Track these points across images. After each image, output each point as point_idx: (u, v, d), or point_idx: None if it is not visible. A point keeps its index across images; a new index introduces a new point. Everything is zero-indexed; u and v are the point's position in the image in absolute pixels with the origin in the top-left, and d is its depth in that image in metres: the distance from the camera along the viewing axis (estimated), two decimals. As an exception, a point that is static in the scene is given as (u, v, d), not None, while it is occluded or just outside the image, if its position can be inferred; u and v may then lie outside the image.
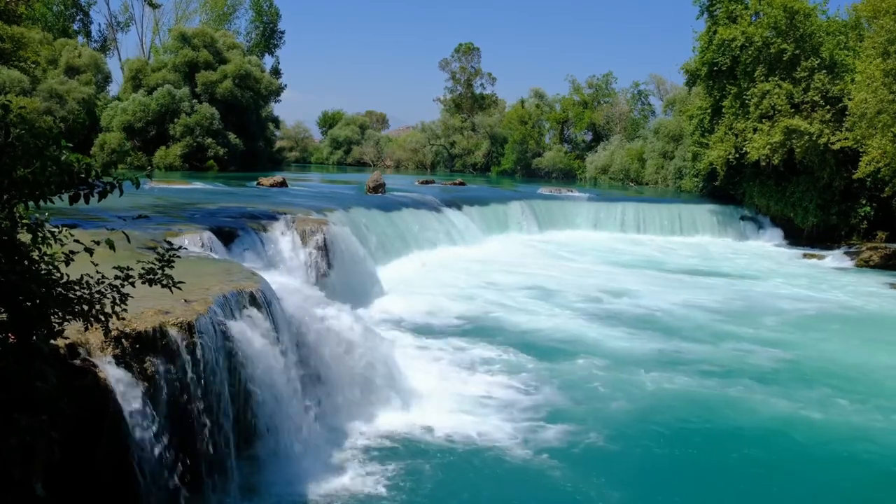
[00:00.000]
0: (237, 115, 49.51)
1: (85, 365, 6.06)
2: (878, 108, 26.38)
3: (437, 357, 13.15)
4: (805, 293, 21.54)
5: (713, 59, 33.60)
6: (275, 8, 68.79)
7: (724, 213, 35.13)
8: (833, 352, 14.94)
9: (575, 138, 68.32)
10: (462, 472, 8.82)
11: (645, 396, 11.72)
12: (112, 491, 6.16)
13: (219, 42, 51.16)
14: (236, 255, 13.75)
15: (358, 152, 77.34)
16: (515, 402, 11.05)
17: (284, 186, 29.83)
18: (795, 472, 9.39)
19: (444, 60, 74.90)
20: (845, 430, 10.65)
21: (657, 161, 51.83)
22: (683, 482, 9.06)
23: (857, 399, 11.90)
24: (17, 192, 4.68)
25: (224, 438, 7.47)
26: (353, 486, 8.22)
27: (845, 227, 31.86)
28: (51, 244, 4.84)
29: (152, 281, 5.44)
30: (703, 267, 25.88)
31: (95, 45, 61.93)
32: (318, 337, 9.96)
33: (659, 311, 17.90)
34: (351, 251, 17.00)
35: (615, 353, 14.00)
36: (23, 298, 4.62)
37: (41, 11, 53.94)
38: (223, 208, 18.51)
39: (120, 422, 6.15)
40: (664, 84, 65.90)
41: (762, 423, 10.80)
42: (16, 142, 4.64)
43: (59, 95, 44.74)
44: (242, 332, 8.04)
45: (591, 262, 25.53)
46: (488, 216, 29.76)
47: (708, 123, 36.04)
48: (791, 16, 31.35)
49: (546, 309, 17.56)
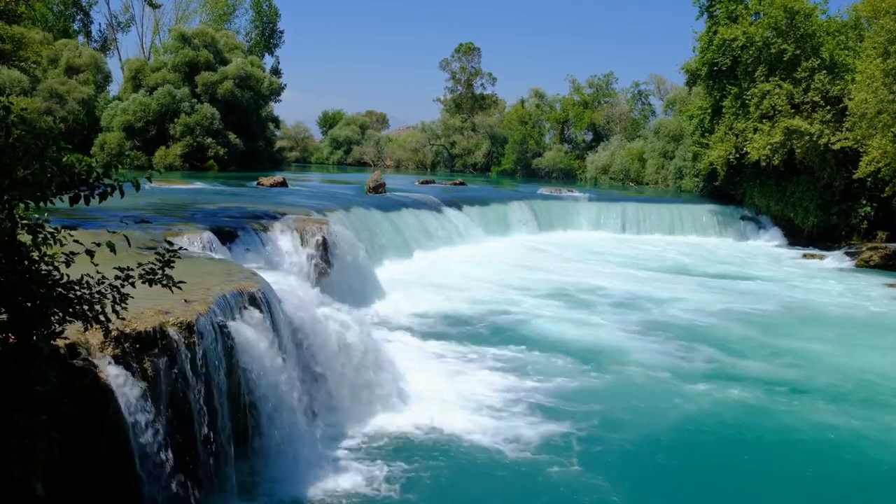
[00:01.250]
0: (237, 115, 49.51)
1: (85, 365, 6.06)
2: (878, 108, 26.38)
3: (436, 357, 13.15)
4: (805, 293, 21.54)
5: (713, 59, 33.59)
6: (274, 8, 68.88)
7: (724, 214, 35.12)
8: (834, 353, 14.95)
9: (575, 138, 68.30)
10: (462, 472, 8.81)
11: (650, 397, 11.72)
12: (112, 491, 6.17)
13: (219, 42, 51.17)
14: (236, 255, 13.75)
15: (358, 152, 77.31)
16: (517, 402, 11.03)
17: (284, 186, 29.82)
18: (801, 479, 9.41)
19: (445, 60, 74.96)
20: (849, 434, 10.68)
21: (657, 161, 51.81)
22: (683, 481, 9.09)
23: (864, 402, 11.92)
24: (18, 192, 4.69)
25: (223, 438, 7.48)
26: (352, 486, 8.22)
27: (845, 227, 31.86)
28: (51, 245, 4.84)
29: (152, 281, 5.45)
30: (703, 268, 25.88)
31: (96, 45, 61.93)
32: (317, 337, 9.96)
33: (656, 307, 17.91)
34: (351, 251, 17.00)
35: (620, 353, 14.01)
36: (23, 299, 4.62)
37: (41, 11, 53.92)
38: (223, 208, 18.51)
39: (120, 422, 6.15)
40: (664, 84, 65.93)
41: (769, 425, 10.81)
42: (16, 142, 4.65)
43: (60, 95, 44.75)
44: (242, 332, 8.05)
45: (592, 262, 25.52)
46: (488, 216, 29.75)
47: (708, 123, 36.03)
48: (791, 16, 31.34)
49: (547, 308, 17.56)
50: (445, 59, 74.92)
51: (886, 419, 11.19)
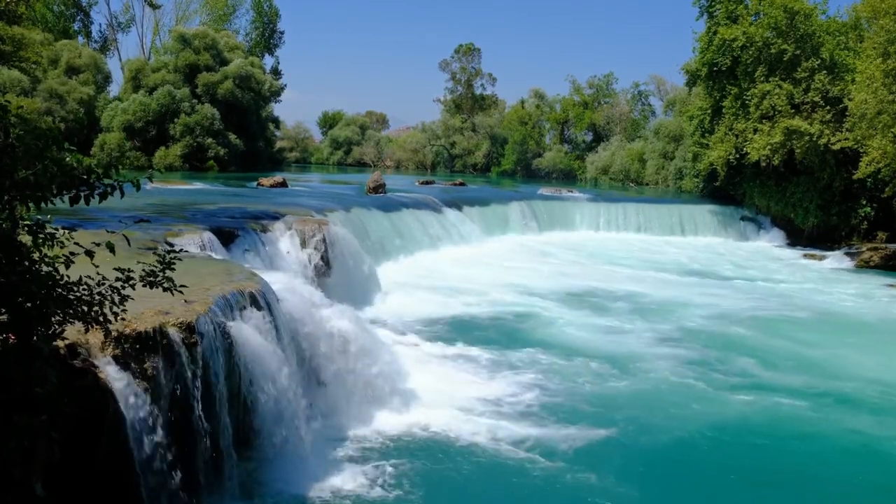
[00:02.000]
0: (238, 116, 49.51)
1: (85, 365, 6.07)
2: (878, 108, 26.40)
3: (437, 357, 13.14)
4: (806, 294, 21.55)
5: (713, 59, 33.60)
6: (275, 8, 68.81)
7: (724, 214, 35.12)
8: (836, 354, 14.96)
9: (575, 139, 68.29)
10: (462, 473, 8.81)
11: (644, 394, 11.72)
12: (112, 490, 6.17)
13: (219, 43, 51.14)
14: (236, 255, 13.76)
15: (358, 153, 77.29)
16: (518, 402, 11.03)
17: (284, 187, 29.83)
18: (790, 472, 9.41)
19: (445, 61, 74.91)
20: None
21: (657, 161, 51.82)
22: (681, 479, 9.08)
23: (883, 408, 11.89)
24: (18, 193, 4.69)
25: (224, 438, 7.49)
26: (352, 486, 8.22)
27: (845, 228, 31.87)
28: (51, 245, 4.84)
29: (153, 283, 5.45)
30: (703, 267, 25.88)
31: (96, 45, 61.90)
32: (317, 337, 9.96)
33: (657, 305, 17.92)
34: (351, 252, 17.00)
35: (620, 353, 14.01)
36: (23, 299, 4.62)
37: (41, 12, 53.92)
38: (223, 209, 18.51)
39: (120, 422, 6.16)
40: (664, 84, 65.92)
41: (776, 424, 10.82)
42: (16, 143, 4.65)
43: (60, 96, 44.76)
44: (242, 332, 8.05)
45: (592, 263, 25.53)
46: (489, 217, 29.75)
47: (708, 124, 36.04)
48: (791, 16, 31.35)
49: (548, 308, 17.55)
50: (445, 60, 75.00)
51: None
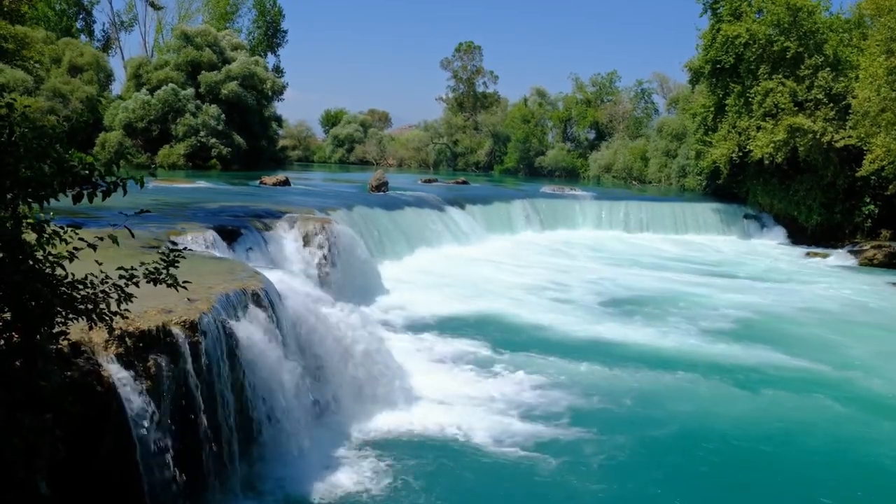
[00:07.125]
0: (241, 115, 49.51)
1: (89, 364, 6.08)
2: (881, 105, 26.32)
3: (440, 356, 13.12)
4: (808, 292, 21.51)
5: (716, 56, 33.49)
6: (278, 7, 68.76)
7: (727, 212, 35.05)
8: (837, 355, 14.93)
9: (578, 137, 68.16)
10: (464, 472, 8.80)
11: (645, 392, 11.71)
12: (116, 488, 6.18)
13: (222, 41, 51.13)
14: (239, 253, 13.77)
15: (360, 151, 77.24)
16: (521, 402, 10.99)
17: (287, 185, 29.84)
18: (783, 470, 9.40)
19: (446, 59, 74.82)
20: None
21: (660, 159, 51.73)
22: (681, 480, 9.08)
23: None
24: (21, 191, 4.69)
25: (226, 436, 7.49)
26: (355, 485, 8.22)
27: (849, 226, 31.78)
28: (55, 244, 4.84)
29: (157, 281, 5.45)
30: (703, 265, 25.85)
31: (98, 44, 61.98)
32: (320, 336, 9.96)
33: (656, 305, 17.90)
34: (354, 250, 17.01)
35: (620, 352, 14.00)
36: (27, 298, 4.63)
37: (43, 11, 53.97)
38: (226, 207, 18.51)
39: (123, 420, 6.17)
40: (667, 82, 65.74)
41: (778, 424, 10.81)
42: (19, 141, 4.65)
43: (63, 95, 44.83)
44: (245, 330, 8.06)
45: (595, 260, 25.50)
46: (491, 215, 29.74)
47: (711, 122, 35.93)
48: (794, 13, 31.25)
49: (548, 308, 17.54)
50: (446, 58, 74.91)
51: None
